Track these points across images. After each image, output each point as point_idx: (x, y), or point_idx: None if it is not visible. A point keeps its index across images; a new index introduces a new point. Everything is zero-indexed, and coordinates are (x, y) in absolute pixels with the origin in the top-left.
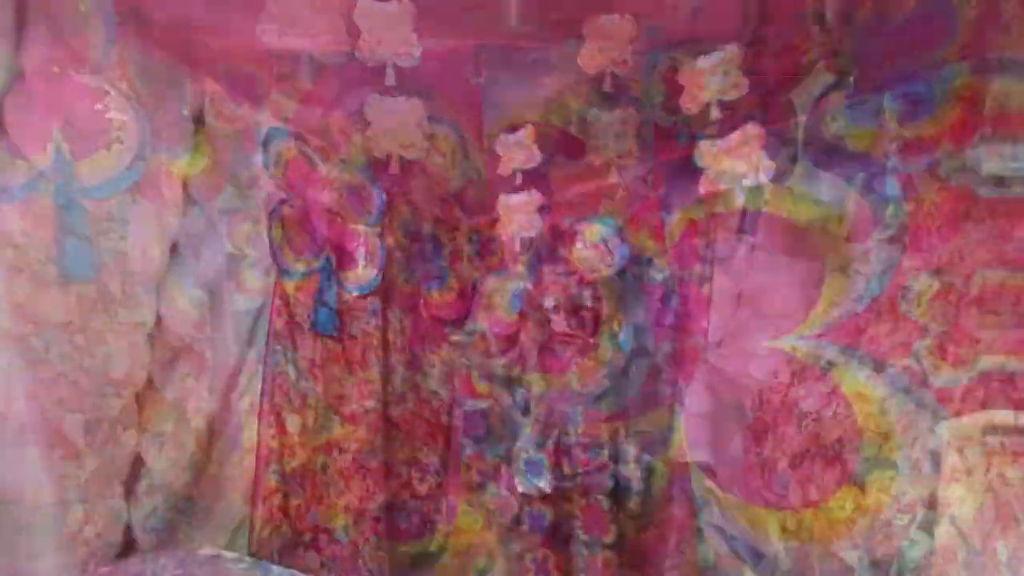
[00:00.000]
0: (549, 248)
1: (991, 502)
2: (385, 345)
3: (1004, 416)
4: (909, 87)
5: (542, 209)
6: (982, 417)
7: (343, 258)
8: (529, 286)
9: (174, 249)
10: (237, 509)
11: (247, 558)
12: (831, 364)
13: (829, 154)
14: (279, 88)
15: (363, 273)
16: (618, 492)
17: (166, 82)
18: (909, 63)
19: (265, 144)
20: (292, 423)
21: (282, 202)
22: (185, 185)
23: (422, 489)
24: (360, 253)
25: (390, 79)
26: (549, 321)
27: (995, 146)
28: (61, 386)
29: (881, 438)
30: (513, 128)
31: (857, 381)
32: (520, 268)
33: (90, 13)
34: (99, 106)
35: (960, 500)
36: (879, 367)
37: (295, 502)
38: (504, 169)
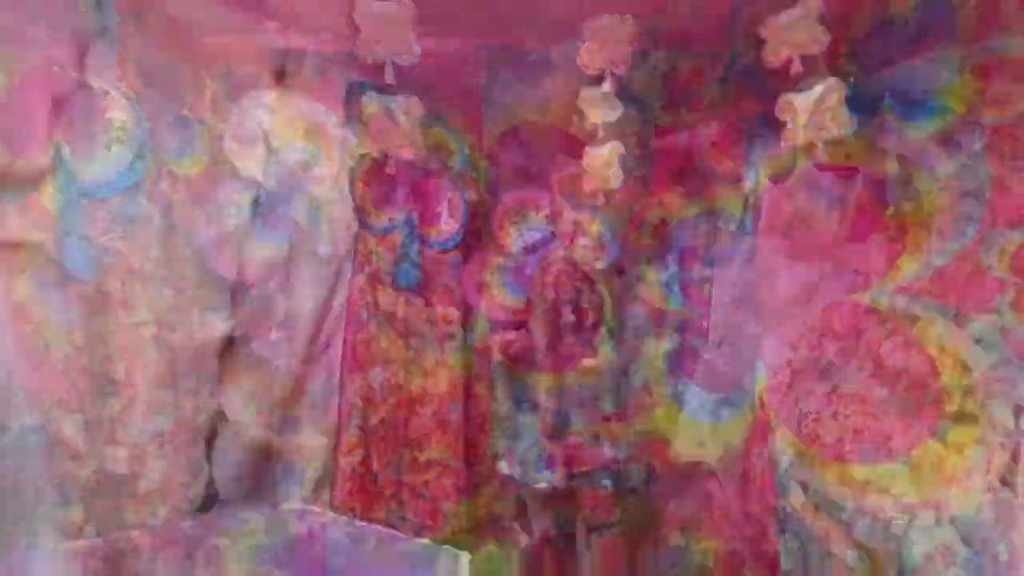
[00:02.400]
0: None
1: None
2: (467, 299)
3: None
4: (909, 86)
5: (624, 162)
6: None
7: (425, 213)
8: (529, 270)
9: (255, 202)
10: (320, 464)
11: (330, 512)
12: (913, 318)
13: (912, 107)
14: (280, 87)
15: (445, 228)
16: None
17: (166, 82)
18: (909, 63)
19: (347, 98)
20: (374, 377)
21: (364, 156)
22: (267, 137)
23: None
24: (442, 207)
25: (390, 77)
26: (558, 312)
27: None
28: (61, 386)
29: (963, 392)
30: (597, 81)
31: (939, 335)
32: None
33: (90, 13)
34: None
35: None
36: (961, 321)
37: (377, 456)
38: (587, 123)
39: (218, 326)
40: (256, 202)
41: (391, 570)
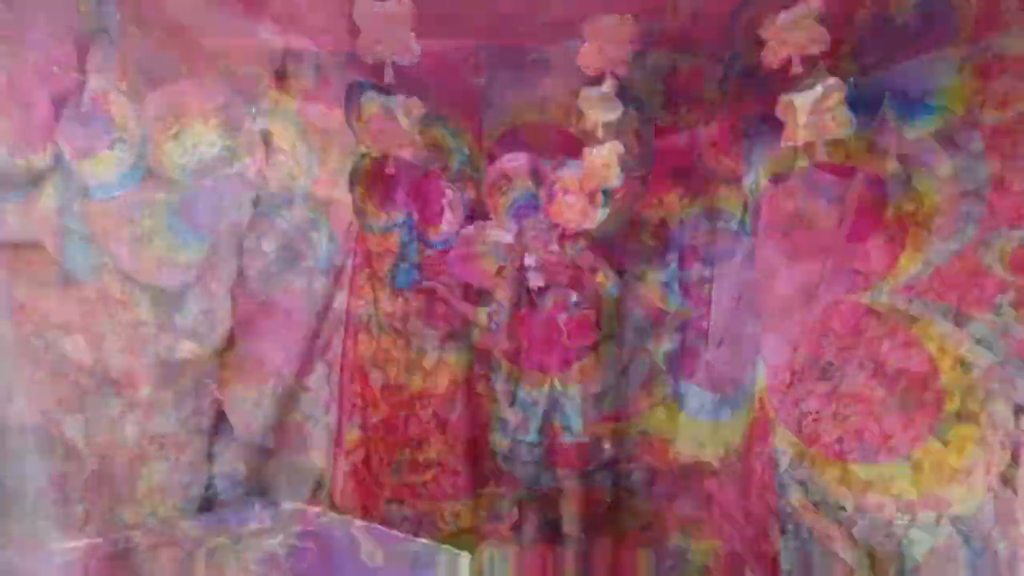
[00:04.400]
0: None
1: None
2: (466, 299)
3: None
4: (909, 86)
5: (624, 162)
6: None
7: (425, 212)
8: (510, 239)
9: (256, 204)
10: (319, 463)
11: (329, 512)
12: (913, 318)
13: (912, 107)
14: (280, 87)
15: (444, 227)
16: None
17: (166, 82)
18: (909, 63)
19: (347, 98)
20: (374, 378)
21: (363, 156)
22: (267, 142)
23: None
24: (441, 207)
25: (389, 78)
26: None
27: None
28: (61, 386)
29: (963, 392)
30: (597, 81)
31: (939, 335)
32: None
33: (90, 13)
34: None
35: None
36: (961, 321)
37: (377, 456)
38: (587, 123)
39: (216, 325)
40: (255, 204)
41: (391, 570)
